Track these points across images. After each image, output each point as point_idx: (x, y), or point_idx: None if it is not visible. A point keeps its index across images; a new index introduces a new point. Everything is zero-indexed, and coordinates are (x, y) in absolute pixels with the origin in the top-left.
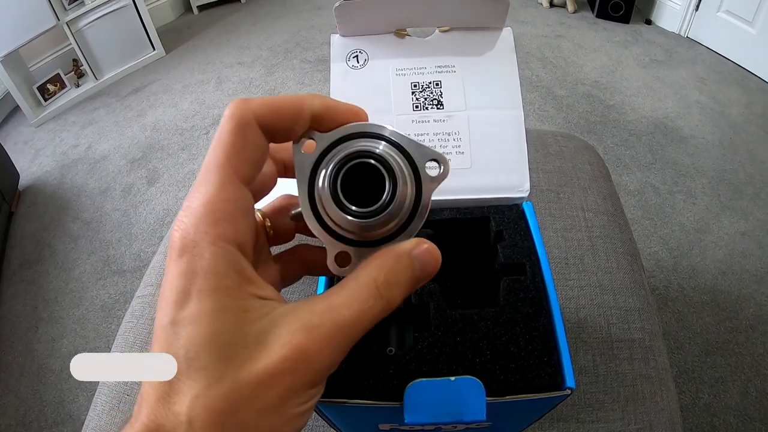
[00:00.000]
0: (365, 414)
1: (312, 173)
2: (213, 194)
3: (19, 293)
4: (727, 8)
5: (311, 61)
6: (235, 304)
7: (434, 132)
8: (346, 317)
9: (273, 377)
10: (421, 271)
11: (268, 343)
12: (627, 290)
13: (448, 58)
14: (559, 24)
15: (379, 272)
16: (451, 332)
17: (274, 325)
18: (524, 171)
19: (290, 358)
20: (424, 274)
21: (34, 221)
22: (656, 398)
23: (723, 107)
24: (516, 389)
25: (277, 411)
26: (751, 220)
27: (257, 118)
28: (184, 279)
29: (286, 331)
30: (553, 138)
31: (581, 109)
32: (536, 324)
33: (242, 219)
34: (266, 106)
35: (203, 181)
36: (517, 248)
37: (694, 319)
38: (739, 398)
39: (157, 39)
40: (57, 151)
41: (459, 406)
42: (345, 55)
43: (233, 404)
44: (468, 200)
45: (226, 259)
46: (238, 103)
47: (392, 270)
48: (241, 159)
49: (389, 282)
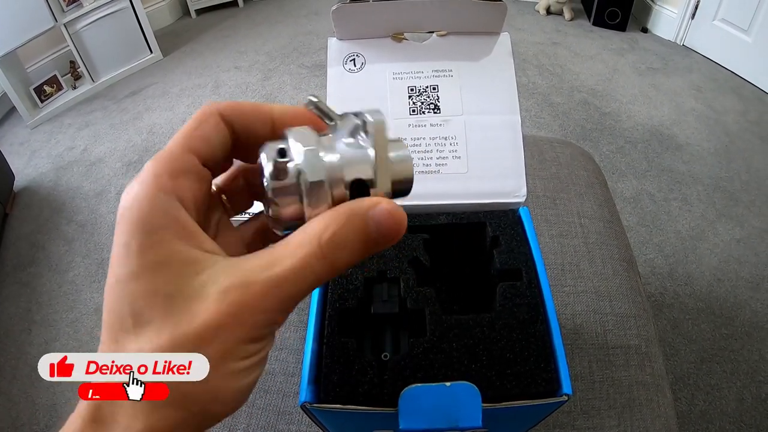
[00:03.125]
0: (360, 420)
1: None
2: (160, 156)
3: (12, 295)
4: (723, 16)
5: (308, 66)
6: (176, 256)
7: (431, 136)
8: (283, 274)
9: (211, 331)
10: (378, 235)
11: (206, 297)
12: (623, 297)
13: (446, 62)
14: (555, 31)
15: (324, 229)
16: (446, 338)
17: (212, 280)
18: (521, 176)
19: (226, 313)
20: (382, 239)
21: (29, 223)
22: (652, 405)
23: (718, 115)
24: (512, 395)
25: (218, 366)
26: (746, 227)
27: (221, 113)
28: (126, 234)
29: (224, 285)
30: (550, 144)
31: (577, 117)
32: (532, 330)
33: (186, 176)
34: (230, 104)
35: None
36: (514, 254)
37: (690, 325)
38: (734, 405)
39: (155, 42)
40: (53, 153)
41: (455, 412)
42: (342, 59)
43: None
44: (464, 205)
45: (165, 211)
46: (208, 101)
47: (341, 229)
48: (198, 135)
49: (335, 242)
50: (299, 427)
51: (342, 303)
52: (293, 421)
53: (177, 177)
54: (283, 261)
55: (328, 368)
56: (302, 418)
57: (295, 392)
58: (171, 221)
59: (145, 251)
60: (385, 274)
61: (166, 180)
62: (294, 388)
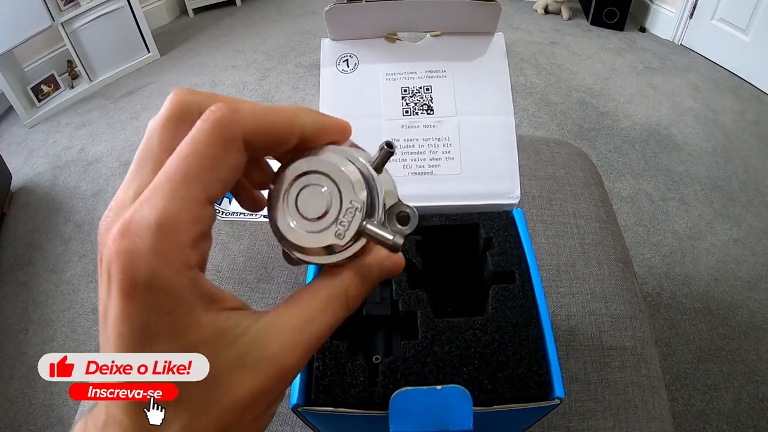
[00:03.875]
0: (351, 423)
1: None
2: (175, 213)
3: (9, 295)
4: (721, 16)
5: (306, 65)
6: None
7: (424, 137)
8: (322, 331)
9: (259, 396)
10: (381, 278)
11: (251, 365)
12: (619, 298)
13: (439, 62)
14: (553, 31)
15: (349, 286)
16: (438, 341)
17: (253, 347)
18: (515, 177)
19: (275, 377)
20: (382, 278)
21: (26, 223)
22: (648, 406)
23: (716, 115)
24: (504, 399)
25: (260, 419)
26: (744, 227)
27: (245, 135)
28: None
29: (270, 352)
30: (546, 144)
31: (575, 116)
32: (525, 333)
33: (205, 242)
34: (257, 123)
35: (162, 191)
36: (507, 256)
37: (687, 325)
38: (731, 405)
39: (152, 41)
40: (50, 152)
41: (445, 416)
42: (335, 59)
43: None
44: (457, 206)
45: (192, 290)
46: (227, 112)
47: (361, 284)
48: (215, 177)
49: (358, 294)
50: (293, 428)
51: None
52: (287, 422)
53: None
54: (318, 319)
55: (320, 371)
56: (295, 420)
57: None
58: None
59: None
60: None
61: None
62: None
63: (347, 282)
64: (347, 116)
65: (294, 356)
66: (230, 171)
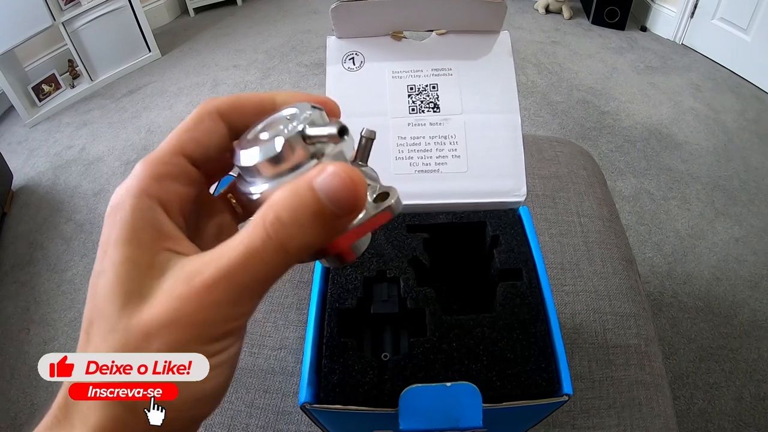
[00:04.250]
0: (360, 420)
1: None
2: (148, 158)
3: (11, 294)
4: (722, 15)
5: (307, 64)
6: (145, 257)
7: (430, 135)
8: (229, 262)
9: (157, 328)
10: (333, 205)
11: (157, 294)
12: (623, 296)
13: (445, 61)
14: (554, 30)
15: (269, 209)
16: (447, 338)
17: (168, 277)
18: (521, 175)
19: (171, 308)
20: (339, 209)
21: (27, 222)
22: (652, 404)
23: (717, 114)
24: (513, 396)
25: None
26: (745, 226)
27: (219, 111)
28: (106, 232)
29: (171, 281)
30: (549, 143)
31: (576, 115)
32: (533, 330)
33: (171, 181)
34: (230, 101)
35: (155, 149)
36: (514, 253)
37: (689, 324)
38: (733, 404)
39: (153, 41)
40: (51, 151)
41: (455, 413)
42: (341, 57)
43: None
44: (464, 204)
45: (144, 213)
46: (206, 99)
47: (287, 205)
48: (189, 137)
49: (281, 221)
50: (299, 427)
51: (341, 303)
52: (293, 421)
53: (162, 180)
54: (231, 251)
55: (328, 369)
56: (302, 418)
57: (294, 392)
58: (148, 224)
59: (117, 249)
60: (385, 273)
61: (150, 183)
62: (294, 387)
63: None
64: (353, 114)
65: (190, 288)
66: (205, 133)
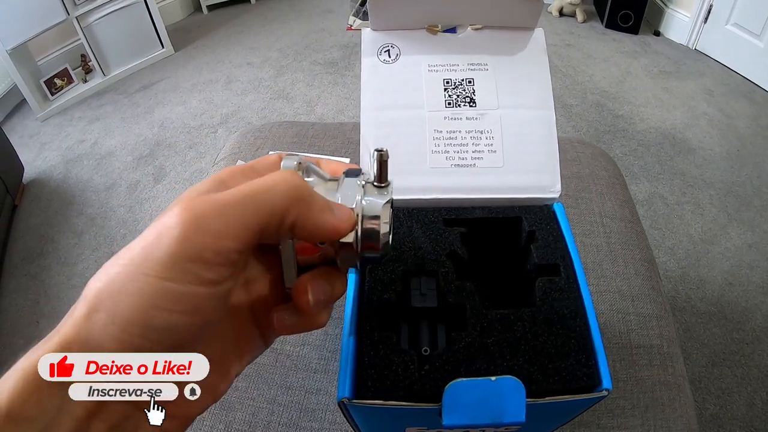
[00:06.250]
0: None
1: None
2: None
3: (20, 287)
4: (736, 21)
5: (321, 63)
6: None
7: (467, 130)
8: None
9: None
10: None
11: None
12: (645, 297)
13: (481, 56)
14: (568, 33)
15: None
16: (487, 332)
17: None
18: (555, 172)
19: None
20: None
21: (38, 215)
22: (675, 405)
23: (730, 119)
24: (554, 390)
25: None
26: (758, 232)
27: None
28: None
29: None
30: (570, 144)
31: (590, 118)
32: (573, 325)
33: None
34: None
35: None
36: (550, 249)
37: (702, 329)
38: (745, 409)
39: (167, 37)
40: (62, 145)
41: (499, 408)
42: (376, 49)
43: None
44: (499, 199)
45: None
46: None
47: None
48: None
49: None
50: (322, 424)
51: (379, 296)
52: (316, 419)
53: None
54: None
55: (368, 363)
56: (325, 416)
57: (318, 389)
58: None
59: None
60: (423, 267)
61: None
62: (317, 384)
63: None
64: (389, 106)
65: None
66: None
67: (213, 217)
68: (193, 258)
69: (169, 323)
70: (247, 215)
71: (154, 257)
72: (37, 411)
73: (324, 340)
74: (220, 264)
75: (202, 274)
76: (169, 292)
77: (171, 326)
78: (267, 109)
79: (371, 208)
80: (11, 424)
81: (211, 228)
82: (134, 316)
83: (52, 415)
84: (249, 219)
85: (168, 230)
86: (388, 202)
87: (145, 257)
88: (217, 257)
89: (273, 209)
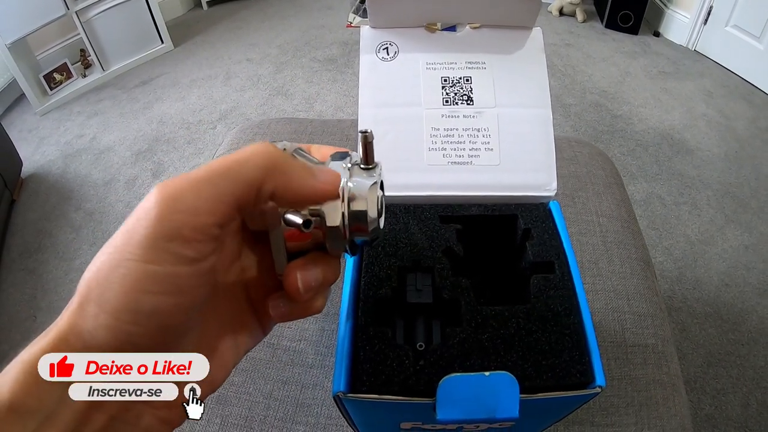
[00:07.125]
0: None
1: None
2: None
3: (18, 282)
4: (736, 23)
5: (320, 60)
6: None
7: (464, 127)
8: (197, 175)
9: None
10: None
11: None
12: (640, 296)
13: (479, 54)
14: (568, 33)
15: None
16: (482, 328)
17: None
18: (552, 170)
19: (130, 219)
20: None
21: (36, 210)
22: (669, 404)
23: (729, 121)
24: (548, 387)
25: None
26: (755, 233)
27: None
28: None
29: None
30: (568, 143)
31: (589, 118)
32: (567, 322)
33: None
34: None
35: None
36: (545, 246)
37: (697, 330)
38: (740, 410)
39: (166, 32)
40: (61, 140)
41: (492, 403)
42: (375, 47)
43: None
44: (496, 197)
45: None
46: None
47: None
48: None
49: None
50: (318, 419)
51: (375, 291)
52: (312, 413)
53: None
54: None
55: (363, 358)
56: (321, 411)
57: (313, 384)
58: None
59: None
60: (419, 263)
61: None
62: (313, 379)
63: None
64: (387, 104)
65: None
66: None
67: (188, 194)
68: (171, 237)
69: (155, 306)
70: (223, 189)
71: (133, 241)
72: (38, 404)
73: (320, 336)
74: (199, 240)
75: (183, 253)
76: (151, 274)
77: (158, 309)
78: (266, 106)
79: (358, 190)
80: (14, 415)
81: (186, 205)
82: (121, 303)
83: (52, 407)
84: (225, 192)
85: (145, 213)
86: (375, 183)
87: (125, 242)
88: (195, 234)
89: (248, 180)
